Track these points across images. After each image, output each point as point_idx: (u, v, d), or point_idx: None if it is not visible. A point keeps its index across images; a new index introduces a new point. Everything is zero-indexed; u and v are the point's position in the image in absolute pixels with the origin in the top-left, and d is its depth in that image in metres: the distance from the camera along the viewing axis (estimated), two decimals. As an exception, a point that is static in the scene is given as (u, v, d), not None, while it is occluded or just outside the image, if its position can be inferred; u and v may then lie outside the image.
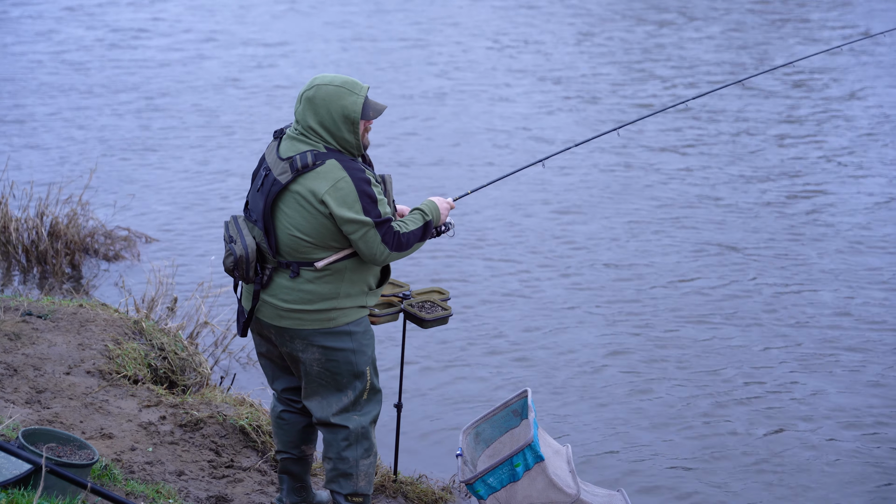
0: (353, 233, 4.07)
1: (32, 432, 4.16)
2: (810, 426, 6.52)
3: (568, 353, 7.36)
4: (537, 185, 10.65)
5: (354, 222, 4.04)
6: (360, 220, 4.04)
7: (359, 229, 4.06)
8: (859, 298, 8.24)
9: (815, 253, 9.09)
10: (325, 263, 4.10)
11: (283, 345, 4.26)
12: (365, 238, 4.07)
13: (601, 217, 9.88)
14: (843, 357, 7.34)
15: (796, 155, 11.68)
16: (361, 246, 4.09)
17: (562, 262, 8.89)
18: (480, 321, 7.82)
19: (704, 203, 10.24)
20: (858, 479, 6.01)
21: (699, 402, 6.78)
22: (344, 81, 4.12)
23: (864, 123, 12.79)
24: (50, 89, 13.71)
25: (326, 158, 4.07)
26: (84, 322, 5.96)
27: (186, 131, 12.26)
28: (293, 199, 4.07)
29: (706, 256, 9.01)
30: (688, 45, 16.71)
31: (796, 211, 10.06)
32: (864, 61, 15.54)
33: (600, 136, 5.25)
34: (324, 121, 4.09)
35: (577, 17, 18.79)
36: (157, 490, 4.50)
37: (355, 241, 4.08)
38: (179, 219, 9.72)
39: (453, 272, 8.64)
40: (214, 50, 16.18)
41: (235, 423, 5.28)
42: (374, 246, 4.09)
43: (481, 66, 15.36)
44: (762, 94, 13.95)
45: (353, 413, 4.31)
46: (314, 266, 4.10)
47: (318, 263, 4.09)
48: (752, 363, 7.25)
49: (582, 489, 4.70)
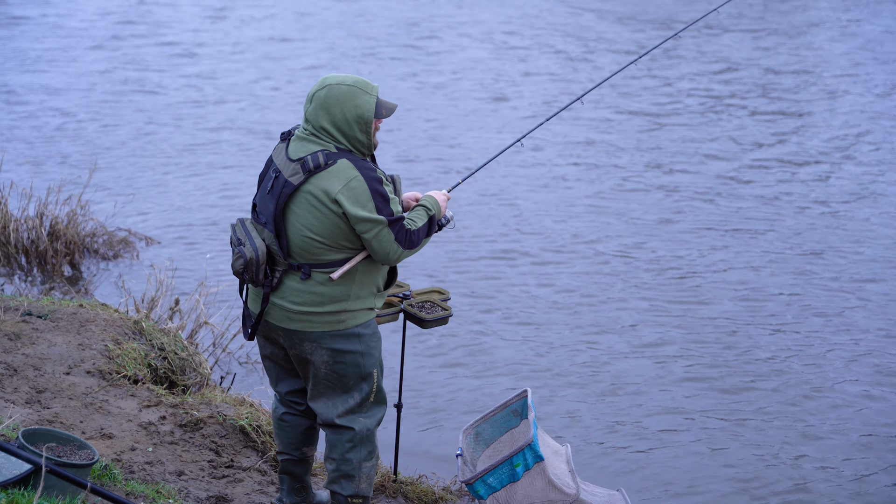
0: (367, 232, 4.06)
1: (32, 432, 4.16)
2: (812, 424, 6.52)
3: (568, 353, 7.36)
4: (537, 184, 10.66)
5: (368, 221, 4.04)
6: (373, 219, 4.04)
7: (372, 228, 4.05)
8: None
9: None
10: (340, 273, 4.10)
11: (291, 347, 4.26)
12: (378, 237, 4.07)
13: (601, 217, 9.88)
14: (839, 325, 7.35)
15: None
16: (375, 245, 4.09)
17: (562, 262, 8.89)
18: (480, 321, 7.82)
19: (701, 195, 10.25)
20: (865, 484, 6.02)
21: (699, 401, 6.78)
22: (356, 81, 4.12)
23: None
24: (50, 89, 13.72)
25: (338, 158, 4.06)
26: (84, 322, 5.96)
27: (187, 131, 12.26)
28: (305, 200, 4.06)
29: (708, 252, 9.02)
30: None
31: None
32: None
33: (567, 106, 5.29)
34: (336, 120, 4.09)
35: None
36: (157, 490, 4.50)
37: (368, 241, 4.08)
38: (179, 219, 9.72)
39: (453, 272, 8.64)
40: (217, 51, 16.20)
41: (235, 423, 5.28)
42: (387, 245, 4.09)
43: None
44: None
45: (359, 415, 4.32)
46: (330, 277, 4.09)
47: (333, 275, 4.09)
48: (751, 360, 7.26)
49: (581, 489, 4.70)
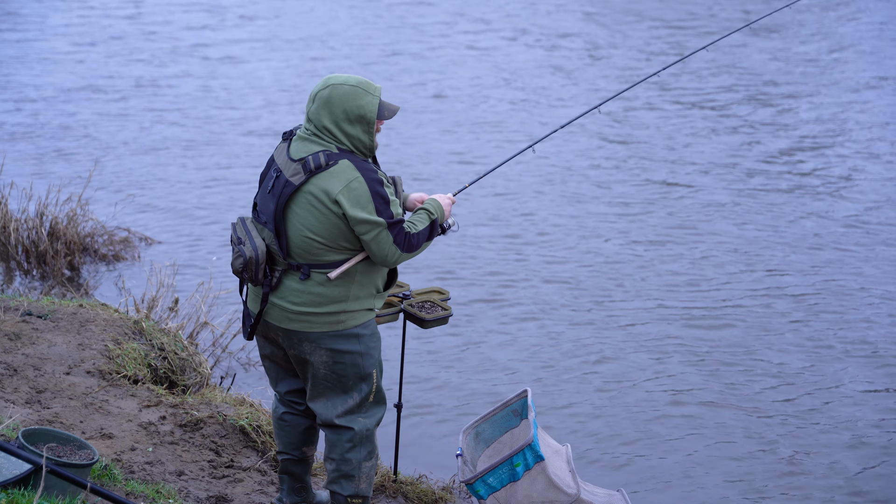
0: (366, 233, 4.06)
1: (32, 432, 4.16)
2: (815, 423, 6.52)
3: (568, 353, 7.36)
4: (537, 183, 10.66)
5: (367, 223, 4.04)
6: (373, 221, 4.04)
7: (371, 230, 4.05)
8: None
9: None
10: (338, 273, 4.10)
11: (290, 347, 4.26)
12: (377, 239, 4.07)
13: (603, 215, 9.88)
14: (841, 337, 7.35)
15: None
16: (373, 247, 4.08)
17: (563, 262, 8.89)
18: (480, 321, 7.82)
19: (698, 213, 10.25)
20: (868, 483, 6.02)
21: (699, 401, 6.78)
22: (359, 81, 4.12)
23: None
24: (52, 87, 13.72)
25: (339, 159, 4.06)
26: (84, 322, 5.96)
27: (187, 131, 12.26)
28: (306, 200, 4.07)
29: (710, 254, 9.02)
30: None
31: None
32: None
33: (583, 115, 5.29)
34: (339, 120, 4.09)
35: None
36: (157, 490, 4.50)
37: (367, 242, 4.08)
38: (179, 219, 9.72)
39: (453, 272, 8.64)
40: (221, 52, 16.20)
41: (235, 423, 5.28)
42: (385, 247, 4.09)
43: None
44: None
45: (359, 415, 4.32)
46: (327, 276, 4.10)
47: (331, 274, 4.09)
48: (754, 363, 7.25)
49: (582, 489, 4.70)
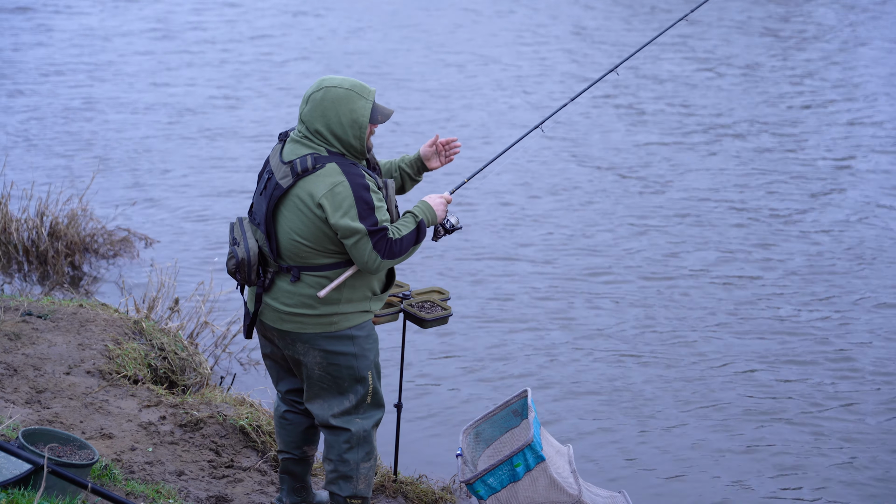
0: (346, 239, 4.04)
1: (32, 432, 4.16)
2: (817, 425, 6.52)
3: (570, 354, 7.35)
4: (540, 183, 10.65)
5: (347, 229, 4.01)
6: (352, 228, 4.01)
7: (351, 236, 4.03)
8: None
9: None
10: (326, 293, 4.09)
11: (285, 347, 4.26)
12: (357, 245, 4.04)
13: (600, 216, 9.87)
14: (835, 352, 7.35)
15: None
16: (354, 253, 4.06)
17: (564, 262, 8.89)
18: (480, 321, 7.81)
19: (701, 204, 10.25)
20: (872, 486, 6.01)
21: (700, 402, 6.77)
22: (353, 84, 4.10)
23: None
24: (54, 87, 13.72)
25: (327, 162, 4.05)
26: (84, 322, 5.96)
27: (187, 131, 12.26)
28: (293, 204, 4.06)
29: (711, 254, 9.01)
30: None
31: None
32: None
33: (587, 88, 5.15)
34: (331, 123, 4.07)
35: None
36: (157, 490, 4.50)
37: (349, 248, 4.06)
38: (179, 220, 9.71)
39: (453, 272, 8.63)
40: (223, 52, 16.20)
41: (235, 423, 5.28)
42: (364, 254, 4.05)
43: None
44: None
45: (356, 416, 4.31)
46: (318, 295, 4.10)
47: (320, 293, 4.09)
48: (755, 367, 7.25)
49: (584, 490, 4.69)
